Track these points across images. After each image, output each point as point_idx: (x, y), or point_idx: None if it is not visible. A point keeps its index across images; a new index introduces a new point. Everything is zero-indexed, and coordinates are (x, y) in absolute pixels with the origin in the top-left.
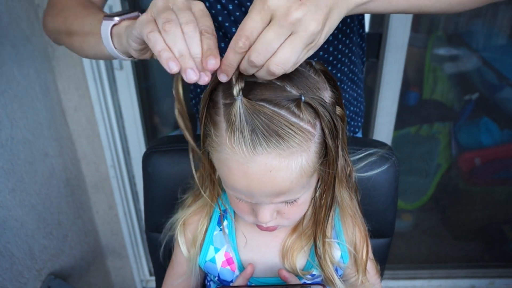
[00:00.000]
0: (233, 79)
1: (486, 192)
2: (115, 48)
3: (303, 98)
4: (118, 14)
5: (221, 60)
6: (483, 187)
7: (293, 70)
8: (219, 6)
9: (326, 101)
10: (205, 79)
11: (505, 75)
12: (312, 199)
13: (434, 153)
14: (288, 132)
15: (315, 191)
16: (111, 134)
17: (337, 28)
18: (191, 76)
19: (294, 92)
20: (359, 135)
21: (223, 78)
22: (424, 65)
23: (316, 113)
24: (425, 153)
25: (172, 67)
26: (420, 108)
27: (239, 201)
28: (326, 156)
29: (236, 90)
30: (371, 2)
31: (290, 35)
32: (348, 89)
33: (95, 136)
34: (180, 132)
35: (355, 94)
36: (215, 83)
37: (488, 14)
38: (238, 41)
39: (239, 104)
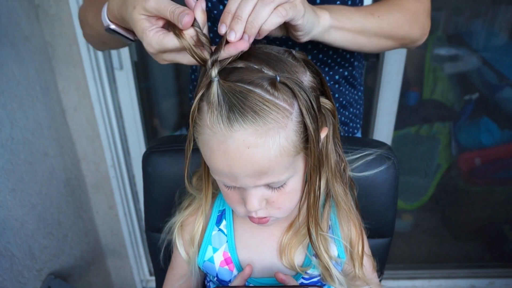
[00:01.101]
0: (209, 63)
1: (486, 192)
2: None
3: (278, 77)
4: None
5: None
6: (483, 187)
7: (271, 56)
8: (221, 7)
9: (304, 83)
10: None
11: (505, 75)
12: (304, 191)
13: (434, 153)
14: (263, 108)
15: (305, 179)
16: (111, 134)
17: None
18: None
19: (271, 73)
20: (358, 135)
21: (231, 35)
22: (424, 65)
23: (293, 93)
24: (425, 153)
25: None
26: (420, 108)
27: (228, 190)
28: (307, 139)
29: (213, 72)
30: (333, 30)
31: None
32: (346, 91)
33: (95, 136)
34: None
35: (356, 97)
36: (202, 74)
37: (488, 14)
38: (224, 19)
39: (216, 85)
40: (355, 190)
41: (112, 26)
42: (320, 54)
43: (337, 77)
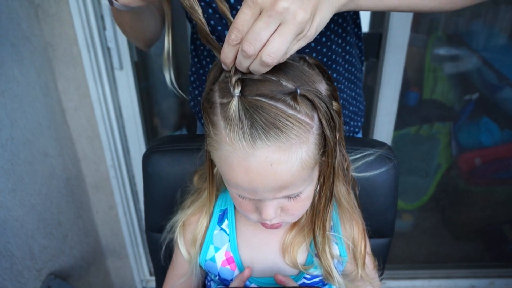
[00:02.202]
0: (233, 80)
1: (486, 192)
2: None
3: (298, 90)
4: None
5: None
6: (483, 187)
7: (287, 65)
8: (210, 10)
9: (322, 93)
10: None
11: (505, 75)
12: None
13: (434, 153)
14: (286, 124)
15: (316, 185)
16: (111, 134)
17: (329, 28)
18: None
19: (290, 85)
20: (359, 135)
21: (224, 67)
22: (424, 65)
23: (313, 105)
24: (425, 153)
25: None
26: (420, 108)
27: (243, 200)
28: (325, 148)
29: (236, 89)
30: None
31: (279, 25)
32: (345, 89)
33: (95, 136)
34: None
35: (353, 94)
36: (212, 83)
37: (488, 14)
38: (231, 34)
39: (237, 100)
40: (356, 189)
41: None
42: (314, 53)
43: (335, 75)
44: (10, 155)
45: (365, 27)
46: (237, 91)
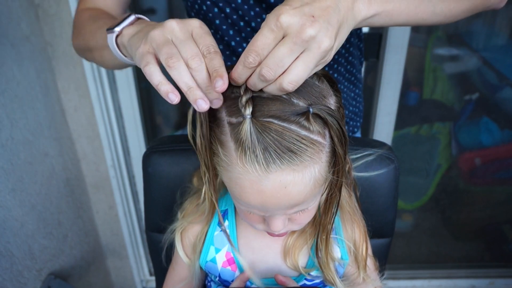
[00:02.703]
0: (243, 100)
1: (486, 192)
2: (126, 56)
3: (311, 110)
4: (117, 24)
5: (228, 73)
6: (483, 187)
7: None
8: (216, 9)
9: (333, 108)
10: (218, 103)
11: (505, 75)
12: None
13: (434, 153)
14: (300, 147)
15: (322, 196)
16: (111, 134)
17: None
18: (202, 106)
19: (302, 104)
20: (358, 134)
21: (232, 82)
22: (424, 65)
23: (325, 123)
24: (425, 153)
25: (172, 99)
26: (420, 108)
27: (250, 213)
28: (335, 164)
29: (248, 110)
30: (375, 17)
31: (302, 52)
32: (345, 89)
33: (95, 136)
34: (181, 132)
35: (353, 94)
36: None
37: (488, 14)
38: (249, 56)
39: (249, 123)
40: (357, 191)
41: (117, 51)
42: None
43: (336, 75)
44: (10, 155)
45: (365, 27)
46: (248, 112)
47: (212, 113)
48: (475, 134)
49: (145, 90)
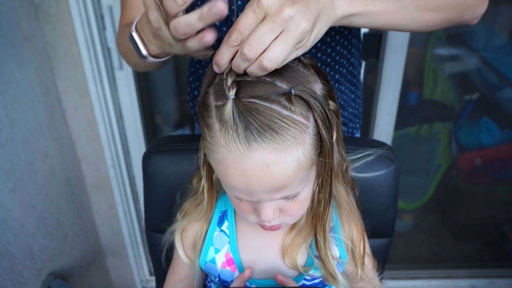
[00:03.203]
0: (228, 81)
1: (486, 192)
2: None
3: (293, 91)
4: (137, 48)
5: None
6: (483, 187)
7: (282, 66)
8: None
9: (317, 93)
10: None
11: (505, 75)
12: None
13: (434, 153)
14: (282, 125)
15: (314, 186)
16: (111, 134)
17: (334, 29)
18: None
19: (284, 86)
20: (357, 136)
21: (216, 69)
22: (424, 65)
23: (308, 105)
24: (425, 153)
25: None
26: (420, 108)
27: (240, 202)
28: (322, 148)
29: (231, 91)
30: (355, 16)
31: (282, 32)
32: (346, 91)
33: (95, 136)
34: (181, 132)
35: (353, 96)
36: (207, 86)
37: (488, 14)
38: (232, 35)
39: (231, 103)
40: (356, 190)
41: (134, 33)
42: (319, 53)
43: (337, 76)
44: (10, 155)
45: (361, 28)
46: (232, 93)
47: (203, 102)
48: (475, 134)
49: (145, 90)
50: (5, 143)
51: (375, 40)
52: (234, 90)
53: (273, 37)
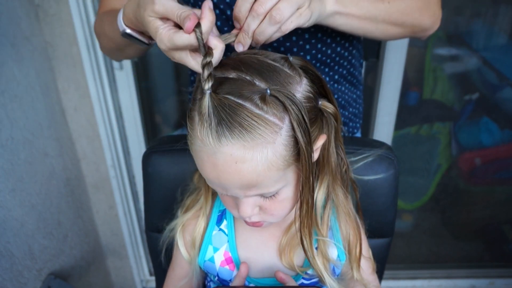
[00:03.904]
0: (205, 75)
1: (486, 192)
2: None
3: (268, 91)
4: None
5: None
6: (483, 187)
7: (264, 65)
8: (217, 11)
9: (298, 95)
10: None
11: (505, 75)
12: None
13: (434, 153)
14: (251, 123)
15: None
16: (111, 134)
17: (335, 30)
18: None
19: (263, 86)
20: (358, 135)
21: (239, 48)
22: (424, 65)
23: (284, 107)
24: (425, 153)
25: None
26: (420, 108)
27: (223, 195)
28: (298, 151)
29: (207, 85)
30: (337, 15)
31: None
32: (346, 91)
33: (95, 136)
34: (182, 132)
35: (354, 96)
36: (199, 81)
37: (488, 14)
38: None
39: (208, 98)
40: (357, 192)
41: (128, 31)
42: (319, 54)
43: (336, 76)
44: (10, 155)
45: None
46: (207, 86)
47: (193, 96)
48: (475, 134)
49: (145, 90)
50: (5, 143)
51: (375, 40)
52: (210, 84)
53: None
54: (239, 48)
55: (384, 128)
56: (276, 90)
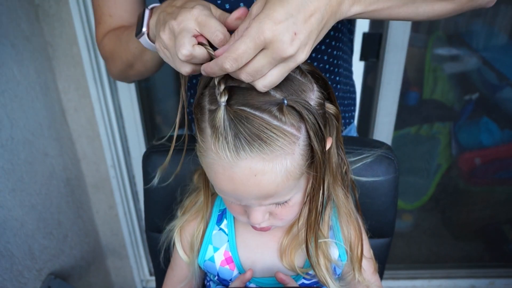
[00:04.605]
0: (221, 87)
1: (486, 192)
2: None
3: (285, 101)
4: (140, 25)
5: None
6: (483, 187)
7: None
8: (219, 1)
9: (312, 103)
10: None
11: (505, 75)
12: (305, 200)
13: (434, 153)
14: (271, 135)
15: (308, 192)
16: (111, 134)
17: (329, 36)
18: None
19: (278, 95)
20: (354, 124)
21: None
22: (424, 65)
23: (301, 116)
24: (425, 153)
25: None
26: (420, 108)
27: (231, 203)
28: (313, 159)
29: (223, 98)
30: (356, 15)
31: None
32: (342, 86)
33: (95, 136)
34: (181, 132)
35: (348, 87)
36: (203, 88)
37: (488, 14)
38: (226, 63)
39: (223, 110)
40: (356, 192)
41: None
42: (315, 62)
43: (337, 78)
44: (10, 155)
45: (365, 27)
46: (223, 99)
47: (198, 103)
48: (475, 134)
49: (145, 90)
50: (5, 143)
51: (375, 40)
52: (226, 97)
53: (271, 68)
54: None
55: (384, 128)
56: (293, 100)
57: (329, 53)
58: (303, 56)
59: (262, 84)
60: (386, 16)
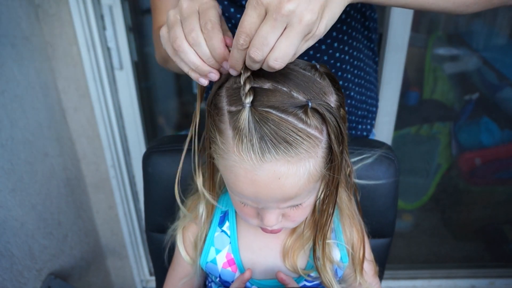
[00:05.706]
0: (246, 88)
1: (486, 192)
2: None
3: (310, 104)
4: None
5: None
6: (483, 187)
7: (298, 75)
8: (226, 2)
9: (332, 105)
10: (215, 77)
11: (505, 75)
12: (317, 202)
13: (434, 153)
14: (296, 138)
15: (319, 194)
16: (111, 134)
17: (331, 37)
18: (212, 78)
19: (301, 97)
20: (372, 135)
21: (233, 72)
22: (424, 65)
23: (323, 119)
24: (425, 153)
25: (202, 83)
26: (420, 108)
27: (244, 206)
28: (332, 161)
29: (247, 99)
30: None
31: (285, 28)
32: (354, 94)
33: (95, 136)
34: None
35: (364, 97)
36: (218, 87)
37: (488, 14)
38: (239, 38)
39: (247, 111)
40: (358, 195)
41: None
42: (337, 52)
43: (341, 82)
44: (10, 155)
45: (376, 30)
46: (248, 100)
47: (213, 103)
48: (475, 134)
49: (145, 90)
50: (5, 143)
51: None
52: (251, 98)
53: (277, 35)
54: (233, 73)
55: (384, 128)
56: (317, 103)
57: (330, 54)
58: (308, 14)
59: (273, 58)
60: (416, 4)
